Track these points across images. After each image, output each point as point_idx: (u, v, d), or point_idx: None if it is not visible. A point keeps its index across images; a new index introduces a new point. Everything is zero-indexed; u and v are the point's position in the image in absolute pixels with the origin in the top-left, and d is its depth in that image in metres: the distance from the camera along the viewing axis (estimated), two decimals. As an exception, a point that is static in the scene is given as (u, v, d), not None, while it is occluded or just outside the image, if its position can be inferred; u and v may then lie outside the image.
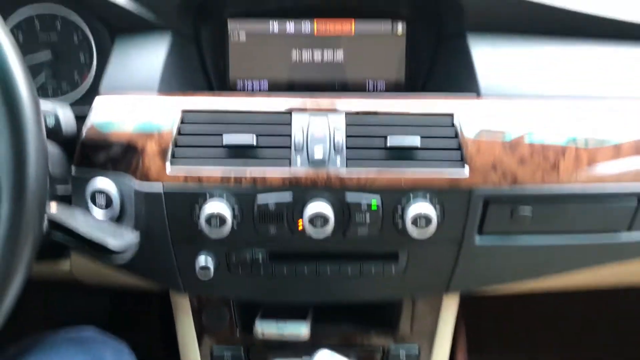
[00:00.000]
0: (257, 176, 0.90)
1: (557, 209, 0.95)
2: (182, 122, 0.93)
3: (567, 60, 1.06)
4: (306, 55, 1.21)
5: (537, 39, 1.09)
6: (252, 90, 1.22)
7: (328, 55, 1.21)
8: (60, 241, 0.85)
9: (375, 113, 0.96)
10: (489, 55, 1.05)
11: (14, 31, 1.11)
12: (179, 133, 0.92)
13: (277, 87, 1.23)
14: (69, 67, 1.13)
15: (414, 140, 0.91)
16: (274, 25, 1.20)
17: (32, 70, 1.09)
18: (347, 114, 0.95)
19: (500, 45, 1.07)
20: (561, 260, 1.01)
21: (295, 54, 1.21)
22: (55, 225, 0.83)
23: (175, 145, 0.92)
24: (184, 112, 0.94)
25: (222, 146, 0.91)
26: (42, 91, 1.13)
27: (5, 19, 1.10)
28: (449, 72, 1.14)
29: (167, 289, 1.10)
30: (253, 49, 1.21)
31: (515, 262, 1.01)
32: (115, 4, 1.02)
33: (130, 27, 1.06)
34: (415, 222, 0.89)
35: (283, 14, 1.20)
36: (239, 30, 1.20)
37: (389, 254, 0.98)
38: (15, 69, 0.64)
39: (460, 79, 1.08)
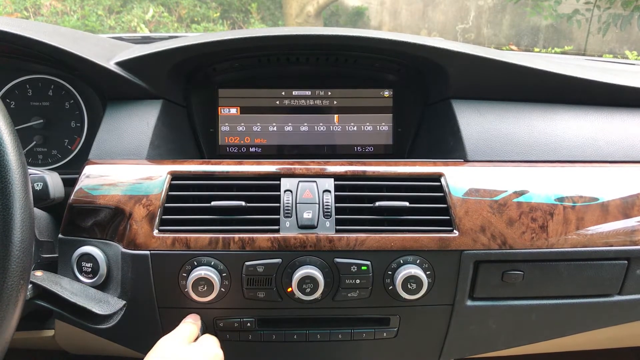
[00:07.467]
0: (245, 240, 0.89)
1: (548, 271, 0.94)
2: (170, 186, 0.93)
3: (551, 125, 1.08)
4: (295, 122, 1.24)
5: (521, 105, 1.11)
6: (242, 154, 1.24)
7: (317, 122, 1.24)
8: (45, 307, 0.83)
9: (363, 177, 0.96)
10: (474, 121, 1.07)
11: (6, 97, 1.13)
12: (168, 197, 0.92)
13: (266, 153, 1.24)
14: (59, 133, 1.14)
15: (403, 204, 0.92)
16: (264, 94, 1.23)
17: (24, 136, 1.10)
18: (336, 178, 0.96)
19: (486, 111, 1.10)
20: (553, 325, 1.00)
21: (284, 121, 1.24)
22: (39, 290, 0.82)
23: (164, 209, 0.92)
24: (173, 176, 0.94)
25: (211, 210, 0.91)
26: (32, 156, 1.13)
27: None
28: (436, 137, 1.16)
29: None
30: (243, 116, 1.23)
31: (508, 328, 0.99)
32: (108, 72, 1.04)
33: (122, 94, 1.08)
34: (405, 284, 0.88)
35: (272, 83, 1.24)
36: (228, 99, 1.23)
37: (380, 318, 0.96)
38: (4, 136, 0.65)
39: (446, 144, 1.10)
